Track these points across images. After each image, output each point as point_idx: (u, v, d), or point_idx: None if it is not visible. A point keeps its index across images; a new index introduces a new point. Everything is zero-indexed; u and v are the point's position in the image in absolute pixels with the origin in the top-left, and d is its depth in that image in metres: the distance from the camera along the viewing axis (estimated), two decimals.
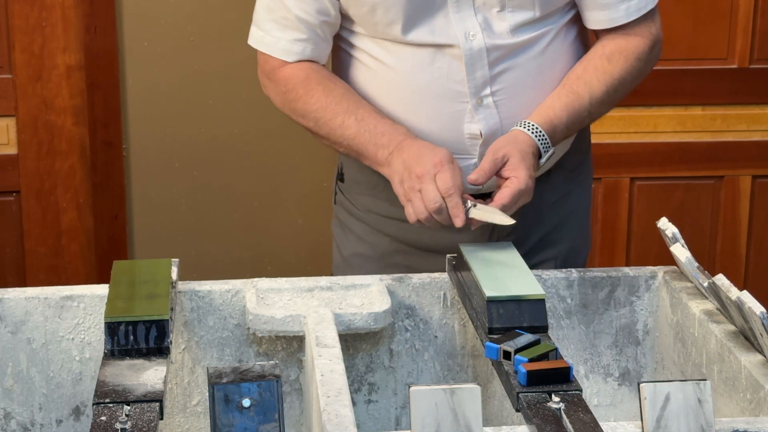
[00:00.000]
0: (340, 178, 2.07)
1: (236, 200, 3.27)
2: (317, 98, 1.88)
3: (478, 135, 1.89)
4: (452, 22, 1.84)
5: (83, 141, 3.12)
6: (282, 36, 1.91)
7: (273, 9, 1.91)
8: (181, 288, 1.75)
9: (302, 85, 1.90)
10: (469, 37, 1.84)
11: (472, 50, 1.85)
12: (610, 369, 1.86)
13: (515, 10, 1.85)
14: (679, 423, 1.28)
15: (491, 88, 1.88)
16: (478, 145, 1.90)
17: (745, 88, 3.22)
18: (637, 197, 3.27)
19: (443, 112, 1.89)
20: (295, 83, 1.91)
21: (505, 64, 1.88)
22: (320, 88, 1.89)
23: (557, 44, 1.91)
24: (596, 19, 1.91)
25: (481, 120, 1.88)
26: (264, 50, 1.94)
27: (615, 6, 1.89)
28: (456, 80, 1.87)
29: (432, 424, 1.25)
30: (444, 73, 1.87)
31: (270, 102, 1.99)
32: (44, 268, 3.17)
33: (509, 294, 1.59)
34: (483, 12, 1.85)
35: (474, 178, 1.76)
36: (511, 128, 1.86)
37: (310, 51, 1.92)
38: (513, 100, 1.89)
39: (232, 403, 1.25)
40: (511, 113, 1.89)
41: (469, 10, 1.84)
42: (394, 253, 2.01)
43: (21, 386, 1.73)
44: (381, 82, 1.91)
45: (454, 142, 1.90)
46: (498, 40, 1.86)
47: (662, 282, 1.83)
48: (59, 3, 3.03)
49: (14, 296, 1.72)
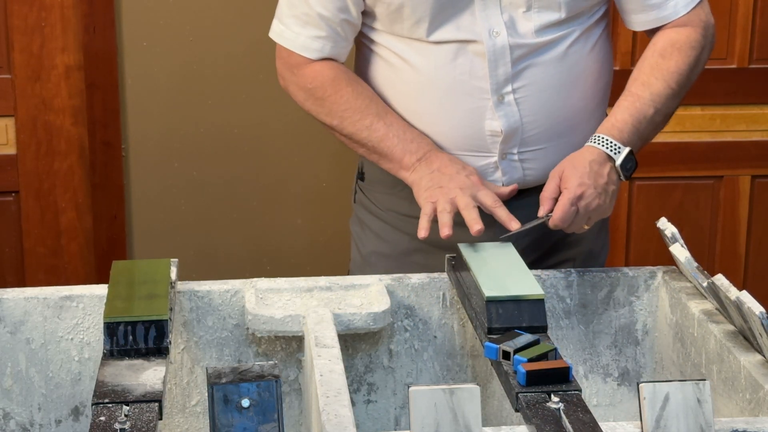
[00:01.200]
0: (361, 177, 2.08)
1: (235, 200, 3.27)
2: (346, 98, 1.91)
3: (498, 132, 1.90)
4: (478, 19, 1.86)
5: (82, 141, 3.11)
6: (302, 32, 1.93)
7: (295, 5, 1.92)
8: (180, 288, 1.75)
9: (331, 85, 1.92)
10: (493, 34, 1.86)
11: (495, 47, 1.86)
12: (610, 369, 1.86)
13: (541, 11, 1.86)
14: (679, 423, 1.28)
15: (512, 86, 1.89)
16: (499, 142, 1.91)
17: (745, 88, 3.22)
18: (637, 197, 3.27)
19: (464, 108, 1.90)
20: (323, 81, 1.93)
21: (528, 62, 1.88)
22: (350, 89, 1.92)
23: (580, 45, 1.92)
24: (644, 20, 1.93)
25: (502, 117, 1.89)
26: (284, 44, 1.96)
27: (663, 4, 1.90)
28: (478, 77, 1.88)
29: (431, 424, 1.25)
30: (466, 70, 1.88)
31: (269, 102, 2.00)
32: (43, 268, 3.17)
33: (508, 294, 1.59)
34: (509, 11, 1.86)
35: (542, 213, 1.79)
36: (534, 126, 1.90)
37: (329, 49, 1.93)
38: (534, 97, 1.90)
39: (232, 404, 1.25)
40: (531, 111, 1.90)
41: (496, 9, 1.85)
42: (414, 252, 2.01)
43: (20, 386, 1.73)
44: (402, 78, 1.92)
45: (474, 139, 1.91)
46: (522, 39, 1.87)
47: (661, 282, 1.83)
48: (58, 3, 3.02)
49: (13, 296, 1.72)
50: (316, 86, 1.93)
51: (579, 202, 1.78)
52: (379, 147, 1.90)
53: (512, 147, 1.92)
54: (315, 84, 1.94)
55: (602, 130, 1.86)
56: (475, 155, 1.92)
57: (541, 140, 1.93)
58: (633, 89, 1.90)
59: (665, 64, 1.90)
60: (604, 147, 1.84)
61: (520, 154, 1.93)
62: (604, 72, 1.97)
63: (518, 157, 1.93)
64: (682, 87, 1.92)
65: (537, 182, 1.97)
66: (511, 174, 1.94)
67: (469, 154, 1.92)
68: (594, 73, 1.95)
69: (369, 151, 1.92)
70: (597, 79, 1.96)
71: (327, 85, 1.93)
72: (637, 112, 1.87)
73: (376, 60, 1.96)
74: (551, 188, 1.81)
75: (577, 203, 1.78)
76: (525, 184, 1.96)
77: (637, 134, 1.87)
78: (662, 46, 1.92)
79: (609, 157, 1.83)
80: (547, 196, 1.80)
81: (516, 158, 1.93)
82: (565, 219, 1.77)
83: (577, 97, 1.94)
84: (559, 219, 1.77)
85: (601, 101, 1.98)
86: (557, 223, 1.78)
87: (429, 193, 1.81)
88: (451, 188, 1.80)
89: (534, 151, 1.94)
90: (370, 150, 1.91)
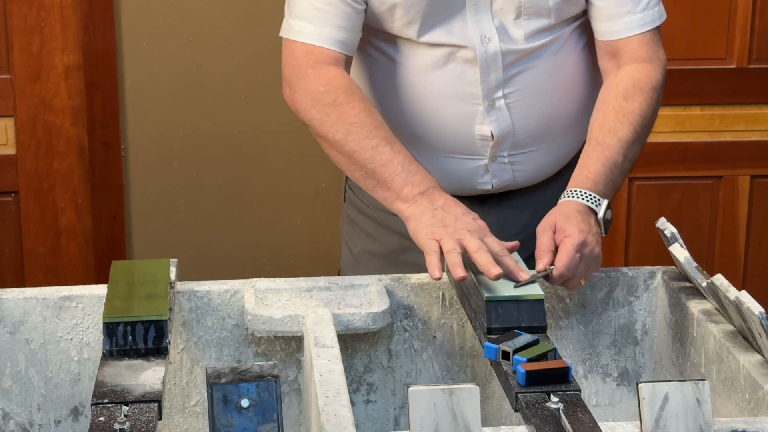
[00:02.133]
0: None
1: (235, 200, 3.27)
2: (357, 112, 1.81)
3: (489, 137, 1.89)
4: (469, 25, 1.85)
5: (82, 141, 3.11)
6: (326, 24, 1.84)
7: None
8: (179, 288, 1.75)
9: (344, 93, 1.82)
10: (485, 40, 1.85)
11: (487, 53, 1.86)
12: (609, 369, 1.86)
13: (531, 18, 1.86)
14: (678, 423, 1.28)
15: (504, 91, 1.88)
16: (489, 147, 1.90)
17: (744, 88, 3.22)
18: (636, 197, 3.27)
19: (455, 112, 1.89)
20: (336, 87, 1.82)
21: (519, 67, 1.88)
22: (362, 105, 1.81)
23: (569, 47, 1.92)
24: (599, 29, 1.90)
25: (493, 122, 1.89)
26: (306, 41, 1.85)
27: (617, 18, 1.88)
28: (469, 82, 1.87)
29: (431, 424, 1.25)
30: (457, 75, 1.87)
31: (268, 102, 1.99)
32: (43, 268, 3.17)
33: (508, 294, 1.59)
34: (500, 17, 1.85)
35: (543, 266, 1.68)
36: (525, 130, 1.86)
37: (352, 40, 1.86)
38: (525, 102, 1.89)
39: (231, 404, 1.25)
40: (522, 115, 1.90)
41: (487, 14, 1.85)
42: (404, 251, 2.01)
43: (19, 387, 1.73)
44: (394, 81, 1.91)
45: (465, 143, 1.90)
46: (513, 45, 1.86)
47: (661, 282, 1.83)
48: (57, 3, 3.02)
49: (13, 296, 1.72)
50: (329, 90, 1.82)
51: (583, 249, 1.70)
52: (380, 172, 1.78)
53: (503, 150, 1.92)
54: (328, 88, 1.83)
55: (577, 183, 1.79)
56: (465, 158, 1.92)
57: (532, 143, 1.93)
58: (600, 137, 1.83)
59: (629, 107, 1.85)
60: (585, 200, 1.76)
61: (510, 156, 1.93)
62: (593, 72, 1.97)
63: (508, 160, 1.93)
64: (644, 130, 1.87)
65: (526, 183, 1.97)
66: (500, 176, 1.94)
67: (458, 157, 1.92)
68: (583, 74, 1.96)
69: (366, 174, 1.80)
70: (587, 81, 1.96)
71: (341, 92, 1.82)
72: (608, 161, 1.81)
73: (366, 60, 1.95)
74: (547, 241, 1.70)
75: (582, 250, 1.70)
76: (514, 185, 1.96)
77: (611, 184, 1.81)
78: (625, 86, 1.86)
79: (591, 209, 1.76)
80: (545, 249, 1.70)
81: (506, 161, 1.93)
82: (570, 266, 1.68)
83: (567, 99, 1.94)
84: (564, 267, 1.67)
85: (590, 102, 1.97)
86: (563, 271, 1.67)
87: (431, 230, 1.69)
88: (458, 229, 1.68)
89: (524, 154, 1.94)
90: (368, 174, 1.80)
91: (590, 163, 1.81)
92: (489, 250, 1.64)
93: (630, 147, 1.84)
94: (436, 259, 1.64)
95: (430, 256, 1.65)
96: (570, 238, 1.69)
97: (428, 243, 1.67)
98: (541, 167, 1.97)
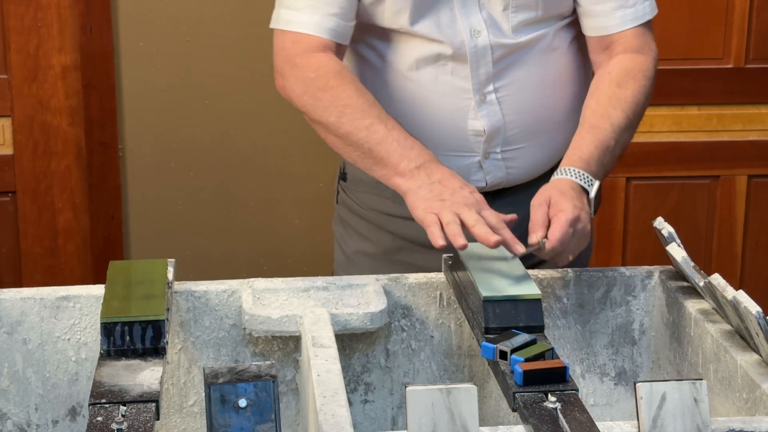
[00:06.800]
0: (343, 177, 2.07)
1: (232, 200, 3.27)
2: (349, 94, 1.82)
3: (481, 131, 1.90)
4: (457, 17, 1.86)
5: (79, 141, 3.11)
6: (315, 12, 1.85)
7: None
8: (177, 288, 1.75)
9: (335, 77, 1.83)
10: (474, 34, 1.86)
11: (476, 48, 1.87)
12: (607, 369, 1.87)
13: (518, 10, 1.87)
14: (675, 423, 1.28)
15: (494, 85, 1.89)
16: (482, 142, 1.91)
17: (741, 88, 3.22)
18: (633, 197, 3.27)
19: (446, 108, 1.90)
20: (327, 72, 1.84)
21: (509, 61, 1.89)
22: (353, 87, 1.83)
23: (560, 43, 1.93)
24: (592, 25, 1.92)
25: (484, 116, 1.90)
26: (295, 29, 1.87)
27: (610, 14, 1.90)
28: (460, 76, 1.88)
29: (428, 424, 1.25)
30: (448, 70, 1.88)
31: (266, 102, 1.99)
32: (40, 268, 3.17)
33: (505, 294, 1.59)
34: (488, 8, 1.86)
35: (536, 239, 1.70)
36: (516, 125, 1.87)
37: (342, 27, 1.87)
38: (516, 96, 1.90)
39: (229, 404, 1.25)
40: (514, 109, 1.91)
41: (474, 6, 1.86)
42: (397, 251, 2.01)
43: (17, 387, 1.73)
44: (385, 77, 1.92)
45: (457, 139, 1.91)
46: (502, 38, 1.88)
47: (658, 281, 1.83)
48: (55, 3, 3.02)
49: (10, 297, 1.72)
50: (320, 75, 1.84)
51: (576, 225, 1.72)
52: (376, 150, 1.80)
53: (495, 146, 1.93)
54: (319, 73, 1.84)
55: (571, 162, 1.81)
56: (458, 155, 1.93)
57: (523, 138, 1.94)
58: (593, 121, 1.85)
59: (622, 93, 1.88)
60: (578, 179, 1.78)
61: (503, 152, 1.94)
62: (584, 69, 1.98)
63: (501, 156, 1.94)
64: (637, 118, 1.90)
65: (519, 181, 1.97)
66: (494, 173, 1.95)
67: (452, 154, 1.92)
68: (574, 70, 1.97)
69: (363, 155, 1.82)
70: (577, 76, 1.98)
71: (330, 76, 1.83)
72: (602, 144, 1.83)
73: (356, 59, 1.95)
74: (541, 216, 1.72)
75: (575, 225, 1.72)
76: (508, 182, 1.97)
77: (602, 167, 1.83)
78: (618, 74, 1.89)
79: (583, 188, 1.78)
80: (540, 224, 1.72)
81: (499, 157, 1.94)
82: (564, 241, 1.69)
83: (558, 95, 1.95)
84: (558, 240, 1.69)
85: (581, 100, 1.97)
86: (555, 245, 1.69)
87: (429, 204, 1.71)
88: (455, 203, 1.69)
89: (516, 150, 1.94)
90: (364, 153, 1.81)
91: (584, 144, 1.83)
92: (486, 223, 1.67)
93: (622, 133, 1.87)
94: (437, 230, 1.66)
95: (431, 228, 1.67)
96: (564, 213, 1.71)
97: (427, 217, 1.69)
98: (534, 164, 1.98)
